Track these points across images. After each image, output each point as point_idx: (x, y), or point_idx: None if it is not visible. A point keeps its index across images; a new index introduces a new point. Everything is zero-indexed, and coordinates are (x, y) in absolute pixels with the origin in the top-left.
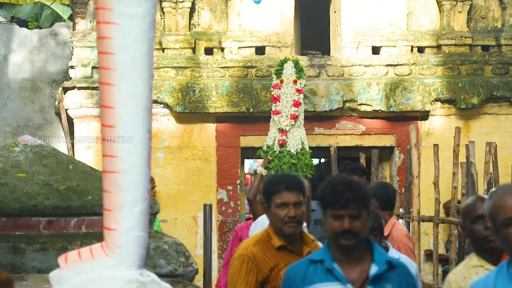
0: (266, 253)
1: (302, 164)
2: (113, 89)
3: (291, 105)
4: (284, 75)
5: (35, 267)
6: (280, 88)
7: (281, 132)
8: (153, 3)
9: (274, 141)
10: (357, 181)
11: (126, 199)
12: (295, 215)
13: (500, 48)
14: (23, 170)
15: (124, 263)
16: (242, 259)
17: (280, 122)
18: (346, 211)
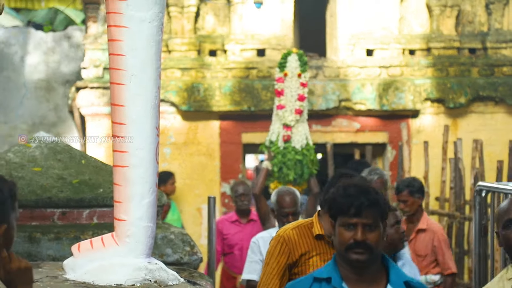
0: (303, 238)
1: (307, 160)
2: (123, 88)
3: (296, 99)
4: (288, 68)
5: (49, 255)
6: (283, 81)
7: (286, 127)
8: (160, 8)
9: (278, 136)
10: (372, 187)
11: (135, 192)
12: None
13: (486, 51)
14: (39, 164)
15: (133, 251)
16: (278, 240)
17: (285, 117)
18: (360, 219)
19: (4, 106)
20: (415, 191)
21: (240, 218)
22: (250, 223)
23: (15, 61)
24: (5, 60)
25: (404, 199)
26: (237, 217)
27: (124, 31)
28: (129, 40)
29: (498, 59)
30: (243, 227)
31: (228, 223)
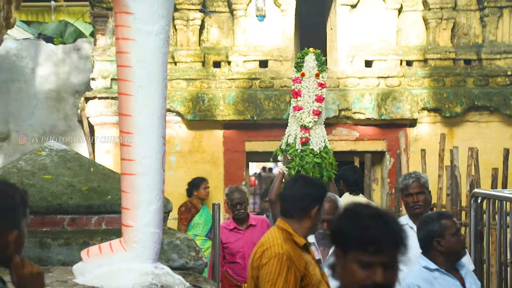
0: (296, 251)
1: (326, 163)
2: (131, 99)
3: (314, 100)
4: (305, 68)
5: (59, 260)
6: (300, 82)
7: (304, 129)
8: (167, 21)
9: (295, 138)
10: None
11: (142, 199)
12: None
13: (481, 62)
14: (49, 172)
15: (140, 257)
16: (281, 257)
17: (302, 119)
18: (380, 257)
19: (16, 116)
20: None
21: (239, 225)
22: (250, 228)
23: (26, 73)
24: (16, 71)
25: None
26: (236, 224)
27: (132, 43)
28: (137, 52)
29: (492, 70)
30: (243, 234)
31: (227, 231)
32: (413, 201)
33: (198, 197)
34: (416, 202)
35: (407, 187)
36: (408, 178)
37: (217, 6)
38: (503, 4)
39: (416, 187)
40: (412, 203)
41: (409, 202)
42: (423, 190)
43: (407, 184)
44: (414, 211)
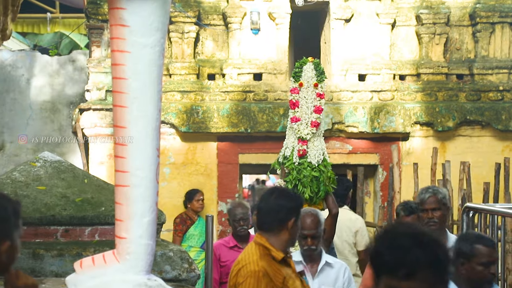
0: (272, 266)
1: (324, 177)
2: (125, 110)
3: (312, 111)
4: (304, 78)
5: (52, 272)
6: (298, 92)
7: (301, 141)
8: (162, 34)
9: (292, 151)
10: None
11: (136, 211)
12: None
13: (473, 76)
14: (43, 183)
15: (134, 268)
16: (257, 275)
17: (300, 130)
18: (412, 283)
19: (10, 127)
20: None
21: (239, 243)
22: None
23: (21, 83)
24: (11, 82)
25: None
26: (236, 242)
27: (127, 55)
28: (132, 65)
29: (484, 85)
30: None
31: (226, 249)
32: (427, 217)
33: (192, 209)
34: (430, 219)
35: (422, 202)
36: (425, 192)
37: (212, 19)
38: (495, 20)
39: (431, 202)
40: (426, 219)
41: (423, 218)
42: (439, 206)
43: (423, 199)
44: (429, 228)
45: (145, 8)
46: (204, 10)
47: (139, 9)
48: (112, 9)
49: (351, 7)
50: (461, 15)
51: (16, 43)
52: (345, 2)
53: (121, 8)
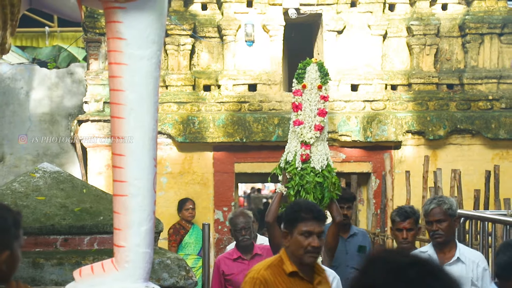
0: (277, 277)
1: (328, 183)
2: (123, 122)
3: (315, 115)
4: (307, 79)
5: (52, 280)
6: (301, 94)
7: (305, 146)
8: (158, 46)
9: (294, 156)
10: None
11: (134, 220)
12: (319, 245)
13: (463, 86)
14: (42, 193)
15: (132, 276)
16: (253, 282)
17: (303, 134)
18: None
19: (10, 138)
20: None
21: (243, 254)
22: (255, 258)
23: (20, 96)
24: (11, 95)
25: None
26: (240, 254)
27: (124, 68)
28: (129, 77)
29: (474, 94)
30: (248, 264)
31: (230, 262)
32: (432, 230)
33: (183, 218)
34: (435, 231)
35: (427, 214)
36: (430, 203)
37: (207, 32)
38: (484, 31)
39: (436, 214)
40: (431, 232)
41: (429, 230)
42: (444, 218)
43: (427, 210)
44: (435, 240)
45: (142, 21)
46: (200, 22)
47: (136, 22)
48: (109, 22)
49: (343, 19)
50: (450, 26)
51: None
52: (337, 14)
53: (118, 21)
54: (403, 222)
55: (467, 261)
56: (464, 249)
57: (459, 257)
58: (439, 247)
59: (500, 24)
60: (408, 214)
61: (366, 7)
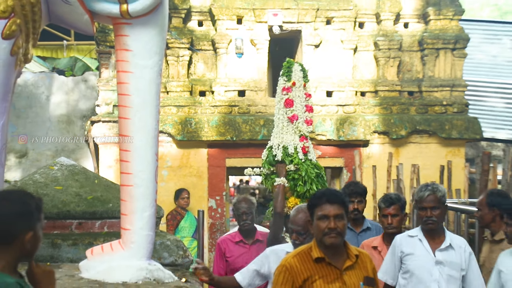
0: (304, 264)
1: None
2: (129, 122)
3: (305, 110)
4: (294, 78)
5: (68, 258)
6: (291, 91)
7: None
8: (160, 57)
9: (295, 148)
10: None
11: (138, 206)
12: (335, 227)
13: (422, 93)
14: (60, 184)
15: (136, 255)
16: (280, 269)
17: (300, 128)
18: None
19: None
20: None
21: (245, 238)
22: (256, 244)
23: (42, 100)
24: (33, 99)
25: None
26: (242, 237)
27: (130, 75)
28: (134, 83)
29: (431, 100)
30: (249, 249)
31: (232, 244)
32: (426, 216)
33: (179, 205)
34: (429, 217)
35: (421, 200)
36: (424, 190)
37: (203, 45)
38: (439, 46)
39: (431, 201)
40: (425, 218)
41: (422, 216)
42: (438, 205)
43: (422, 197)
44: (427, 226)
45: (145, 35)
46: (196, 37)
47: (140, 36)
48: (117, 36)
49: (320, 35)
50: (411, 42)
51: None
52: (314, 31)
53: (125, 35)
54: (388, 208)
55: (456, 247)
56: (451, 235)
57: (451, 243)
58: (430, 233)
59: (453, 40)
60: (393, 200)
61: (339, 25)
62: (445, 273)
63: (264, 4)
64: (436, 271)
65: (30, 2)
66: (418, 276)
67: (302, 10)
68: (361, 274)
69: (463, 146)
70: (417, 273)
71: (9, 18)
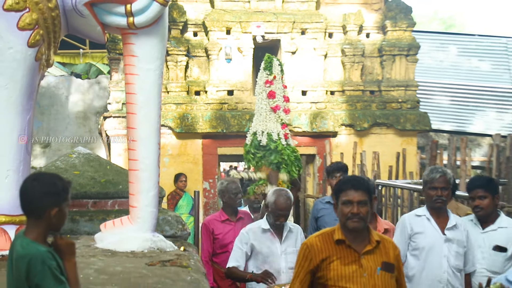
0: (325, 244)
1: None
2: (135, 117)
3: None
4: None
5: (85, 231)
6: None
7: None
8: (161, 62)
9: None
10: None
11: (143, 187)
12: (358, 212)
13: (381, 92)
14: (77, 169)
15: (142, 228)
16: (302, 247)
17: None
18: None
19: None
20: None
21: (230, 217)
22: (240, 221)
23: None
24: (55, 98)
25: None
26: (227, 216)
27: (136, 77)
28: (140, 84)
29: (388, 98)
30: (234, 225)
31: (218, 223)
32: (436, 195)
33: (178, 187)
34: (439, 196)
35: (432, 180)
36: (435, 172)
37: (198, 52)
38: (395, 53)
39: (442, 182)
40: (435, 197)
41: (432, 195)
42: (447, 186)
43: (434, 178)
44: (436, 205)
45: (149, 43)
46: (192, 45)
47: (144, 44)
48: (125, 44)
49: (296, 43)
50: (372, 49)
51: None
52: (291, 40)
53: (131, 43)
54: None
55: (459, 226)
56: (453, 215)
57: (456, 222)
58: (437, 211)
59: (407, 48)
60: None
61: (312, 35)
62: (453, 250)
63: (249, 18)
64: (445, 248)
65: (51, 16)
66: (429, 253)
67: (281, 22)
68: (380, 259)
69: (415, 136)
70: (427, 250)
71: (33, 29)
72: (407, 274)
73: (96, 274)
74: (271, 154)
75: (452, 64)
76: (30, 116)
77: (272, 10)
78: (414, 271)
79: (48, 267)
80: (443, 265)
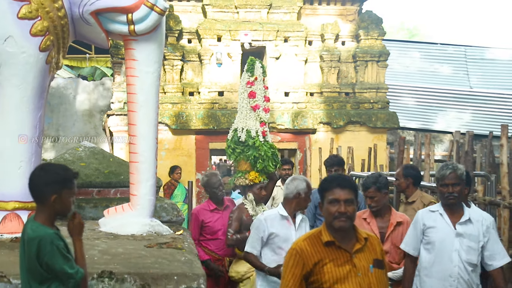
0: (314, 247)
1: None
2: (135, 114)
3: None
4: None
5: (90, 217)
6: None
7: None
8: (159, 65)
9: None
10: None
11: (142, 178)
12: (345, 211)
13: (355, 94)
14: (83, 161)
15: (142, 214)
16: (291, 252)
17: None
18: None
19: (63, 126)
20: (382, 187)
21: (218, 206)
22: (226, 209)
23: (69, 99)
24: (63, 98)
25: (372, 195)
26: (215, 206)
27: (136, 79)
28: (139, 85)
29: (361, 99)
30: (222, 213)
31: (207, 212)
32: (448, 192)
33: (173, 178)
34: (451, 193)
35: (443, 177)
36: (446, 168)
37: (191, 57)
38: (367, 59)
39: (452, 178)
40: (447, 194)
41: (444, 192)
42: (458, 182)
43: (444, 175)
44: (448, 201)
45: (147, 49)
46: (186, 51)
47: (144, 49)
48: (126, 49)
49: (280, 50)
50: (347, 55)
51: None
52: (275, 47)
53: (132, 48)
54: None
55: (474, 221)
56: (471, 210)
57: (470, 217)
58: (450, 207)
59: (378, 55)
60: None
61: (294, 43)
62: (465, 244)
63: (237, 27)
64: (456, 243)
65: (61, 24)
66: (440, 247)
67: (266, 31)
68: (370, 256)
69: (385, 133)
70: (438, 244)
71: (45, 35)
72: (419, 268)
73: (100, 254)
74: (249, 149)
75: (417, 69)
76: (41, 113)
77: (258, 20)
78: (426, 265)
79: (56, 247)
80: (454, 259)
